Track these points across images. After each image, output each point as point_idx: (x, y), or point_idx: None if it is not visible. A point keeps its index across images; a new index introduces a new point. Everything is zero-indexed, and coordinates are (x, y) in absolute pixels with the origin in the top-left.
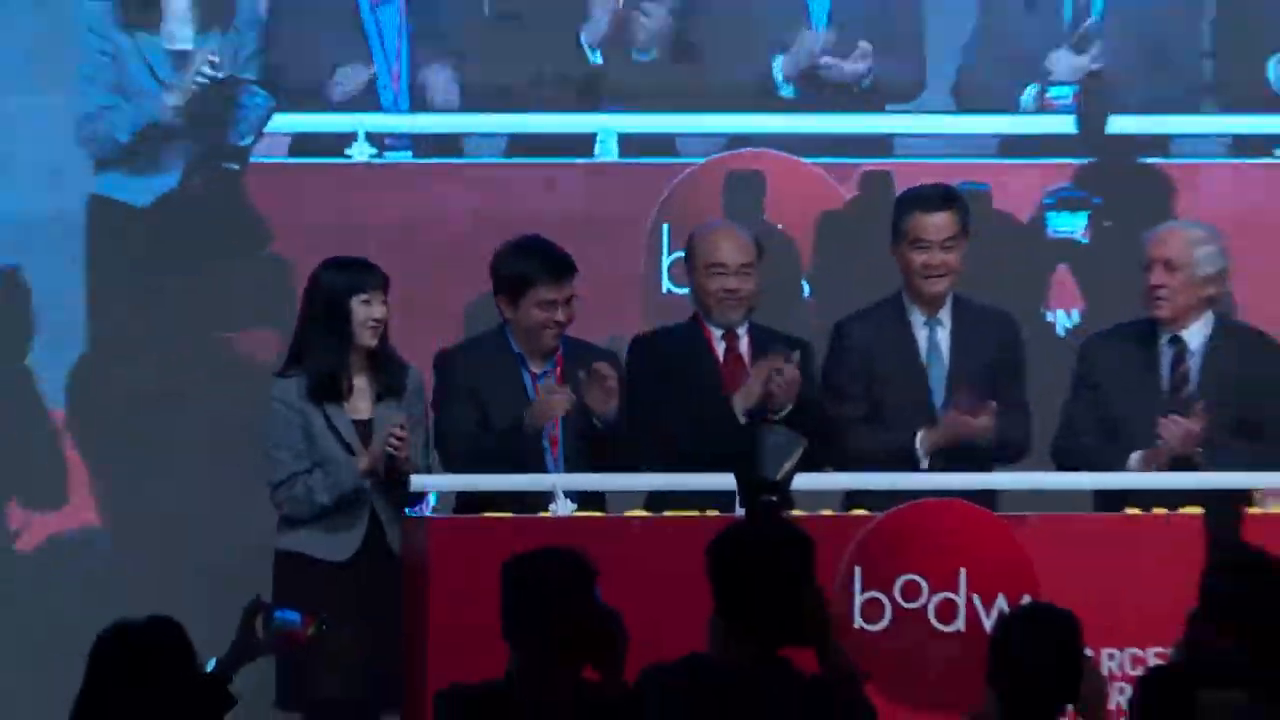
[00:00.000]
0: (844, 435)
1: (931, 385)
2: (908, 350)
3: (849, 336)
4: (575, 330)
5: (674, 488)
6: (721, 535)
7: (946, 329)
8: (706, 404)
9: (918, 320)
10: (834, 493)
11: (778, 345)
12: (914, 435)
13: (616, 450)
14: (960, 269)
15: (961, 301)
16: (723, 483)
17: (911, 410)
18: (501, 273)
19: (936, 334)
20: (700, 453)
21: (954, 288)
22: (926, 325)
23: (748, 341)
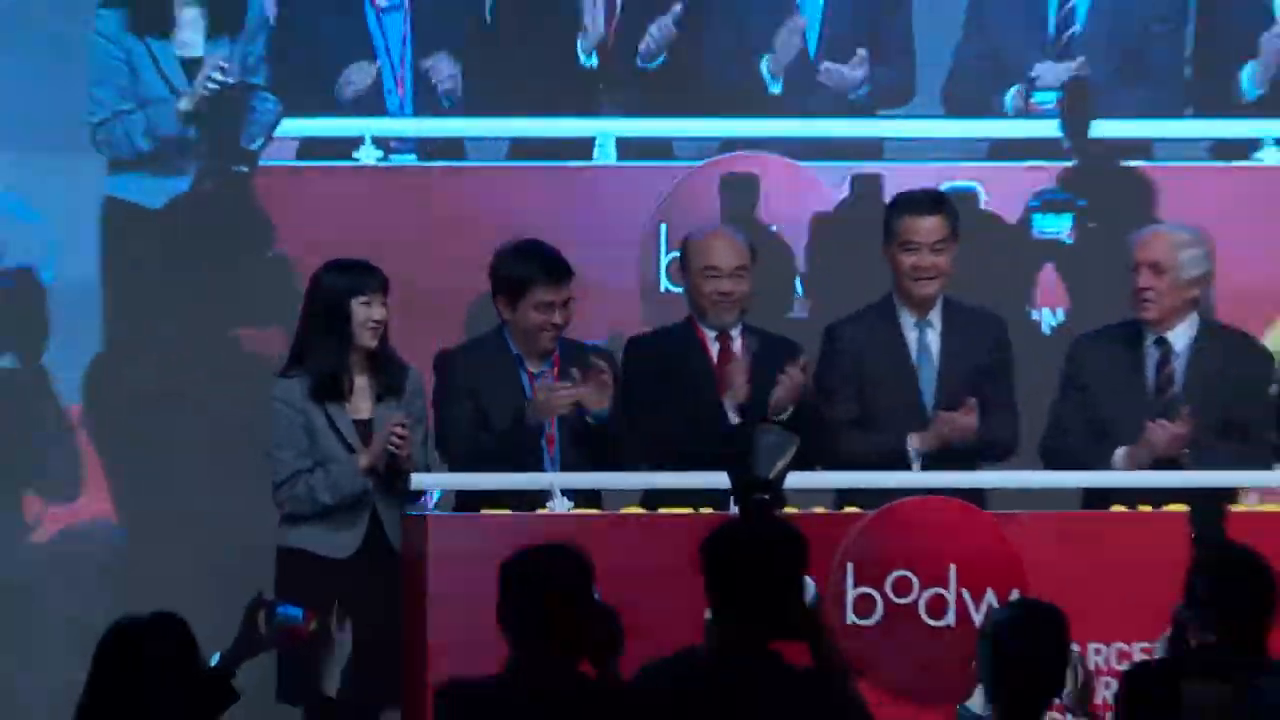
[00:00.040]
0: (836, 437)
1: (922, 387)
2: (898, 352)
3: (840, 339)
4: (576, 328)
5: (669, 486)
6: (715, 532)
7: (937, 331)
8: (700, 404)
9: (908, 322)
10: (826, 491)
11: (773, 347)
12: (904, 438)
13: (610, 447)
14: (950, 272)
15: (952, 304)
16: (717, 481)
17: (902, 412)
18: (501, 275)
19: (927, 336)
20: (694, 452)
21: (944, 290)
22: (917, 327)
23: (741, 343)
